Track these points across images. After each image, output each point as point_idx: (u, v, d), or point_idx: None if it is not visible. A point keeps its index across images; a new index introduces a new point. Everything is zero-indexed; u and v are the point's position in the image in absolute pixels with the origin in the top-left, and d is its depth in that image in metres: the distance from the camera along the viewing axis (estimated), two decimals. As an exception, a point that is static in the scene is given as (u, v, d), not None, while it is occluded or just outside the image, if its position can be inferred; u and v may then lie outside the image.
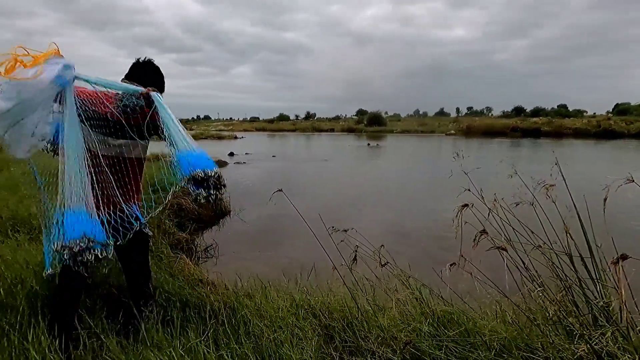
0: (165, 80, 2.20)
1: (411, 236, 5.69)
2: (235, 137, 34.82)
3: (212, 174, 1.72)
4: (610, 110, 56.14)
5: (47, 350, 1.75)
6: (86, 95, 1.79)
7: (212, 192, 1.74)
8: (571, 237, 1.81)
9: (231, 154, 18.15)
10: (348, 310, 2.21)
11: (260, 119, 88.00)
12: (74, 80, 1.68)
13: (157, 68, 2.11)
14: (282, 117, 79.60)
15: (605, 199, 1.55)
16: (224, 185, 1.78)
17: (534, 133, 34.20)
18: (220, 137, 33.90)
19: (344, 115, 80.00)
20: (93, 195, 1.73)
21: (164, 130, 1.76)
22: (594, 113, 57.39)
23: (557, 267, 1.76)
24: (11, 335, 1.85)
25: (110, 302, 2.45)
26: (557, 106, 63.21)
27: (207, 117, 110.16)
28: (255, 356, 1.79)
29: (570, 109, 61.87)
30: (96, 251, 1.58)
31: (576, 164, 13.50)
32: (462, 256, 1.87)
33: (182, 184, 1.76)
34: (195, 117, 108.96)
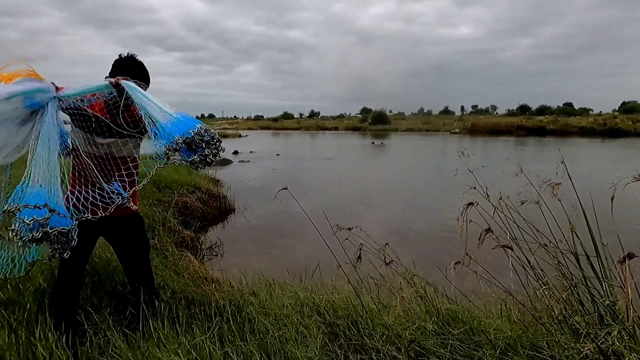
0: (170, 79, 2.17)
1: (416, 234, 5.68)
2: (240, 136, 34.92)
3: (197, 132, 1.59)
4: (617, 109, 55.71)
5: (54, 347, 1.77)
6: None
7: (205, 152, 1.62)
8: (577, 236, 1.81)
9: (235, 153, 18.20)
10: (352, 308, 2.21)
11: (265, 117, 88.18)
12: (54, 98, 1.65)
13: (140, 63, 2.04)
14: (286, 116, 79.70)
15: (612, 198, 1.54)
16: (219, 140, 1.65)
17: (540, 131, 34.03)
18: (224, 136, 33.94)
19: (348, 114, 79.99)
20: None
21: (142, 115, 1.64)
22: (600, 111, 56.97)
23: (562, 265, 1.75)
24: (19, 331, 1.87)
25: (116, 298, 2.47)
26: (563, 104, 62.90)
27: (211, 116, 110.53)
28: (260, 353, 1.80)
29: (576, 107, 61.54)
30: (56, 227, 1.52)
31: (582, 162, 13.43)
32: (467, 254, 1.87)
33: (165, 161, 1.66)
34: (199, 116, 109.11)
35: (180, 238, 4.58)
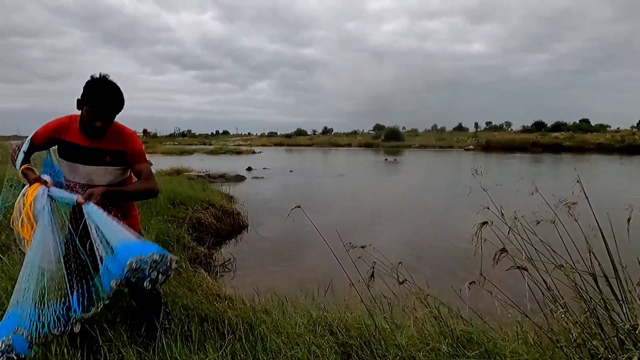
0: (187, 96, 2.20)
1: (429, 254, 5.62)
2: (253, 152, 35.23)
3: (151, 259, 1.52)
4: (635, 125, 54.76)
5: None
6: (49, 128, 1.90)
7: (158, 277, 1.55)
8: (595, 257, 1.77)
9: (249, 169, 18.36)
10: (365, 327, 2.19)
11: (278, 133, 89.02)
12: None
13: (114, 84, 1.87)
14: (300, 132, 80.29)
15: (629, 219, 1.52)
16: (171, 271, 1.59)
17: (555, 148, 33.59)
18: (238, 152, 34.34)
19: (361, 130, 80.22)
20: None
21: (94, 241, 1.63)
22: (618, 128, 56.09)
23: (580, 287, 1.72)
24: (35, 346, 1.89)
25: (131, 314, 2.49)
26: (579, 121, 62.06)
27: (225, 132, 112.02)
28: (272, 373, 1.79)
29: (593, 123, 60.66)
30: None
31: (600, 180, 13.17)
32: (481, 275, 1.84)
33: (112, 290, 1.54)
34: (214, 132, 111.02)
35: (194, 254, 4.61)
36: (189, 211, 5.83)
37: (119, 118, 1.95)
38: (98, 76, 1.83)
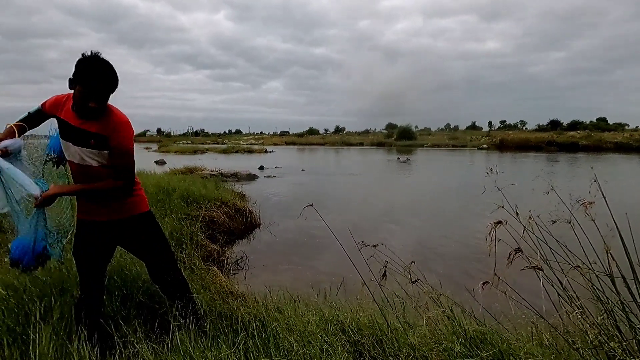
0: (200, 95, 2.22)
1: (442, 253, 5.58)
2: (266, 151, 35.37)
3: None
4: (655, 124, 53.51)
5: (88, 358, 1.83)
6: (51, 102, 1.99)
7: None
8: (612, 257, 1.74)
9: (261, 168, 18.44)
10: (377, 327, 2.18)
11: (290, 132, 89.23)
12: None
13: (108, 62, 1.81)
14: (312, 131, 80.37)
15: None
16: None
17: (572, 147, 33.04)
18: (250, 151, 34.52)
19: (374, 129, 79.92)
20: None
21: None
22: (637, 126, 54.86)
23: (597, 288, 1.69)
24: (54, 340, 1.94)
25: (145, 310, 2.52)
26: (596, 119, 60.90)
27: (238, 131, 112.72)
28: (284, 370, 1.80)
29: (610, 122, 59.46)
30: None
31: (618, 180, 12.91)
32: (495, 275, 1.82)
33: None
34: (227, 132, 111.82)
35: (207, 252, 4.65)
36: (202, 209, 5.89)
37: (130, 110, 1.99)
38: (90, 54, 1.76)
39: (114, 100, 1.88)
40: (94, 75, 1.75)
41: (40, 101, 2.06)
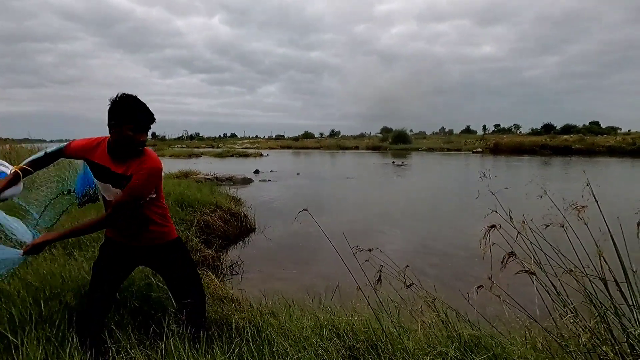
0: (196, 99, 2.27)
1: (437, 257, 5.59)
2: (261, 155, 35.31)
3: None
4: (647, 127, 54.01)
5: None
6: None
7: None
8: (605, 261, 1.76)
9: (256, 172, 18.41)
10: (372, 331, 2.18)
11: (286, 136, 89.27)
12: None
13: (143, 104, 1.92)
14: (307, 135, 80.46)
15: (638, 224, 1.50)
16: None
17: (565, 151, 33.28)
18: (246, 155, 34.45)
19: (369, 133, 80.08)
20: None
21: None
22: (629, 130, 55.35)
23: (589, 292, 1.70)
24: (47, 348, 1.92)
25: (139, 316, 2.51)
26: (589, 123, 61.33)
27: (233, 135, 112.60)
28: (279, 376, 1.79)
29: (603, 126, 59.97)
30: None
31: (610, 184, 13.02)
32: (489, 279, 1.83)
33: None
34: (222, 135, 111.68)
35: (201, 257, 4.63)
36: (196, 214, 5.87)
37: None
38: (121, 95, 1.84)
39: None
40: (140, 110, 1.85)
41: (36, 105, 2.08)
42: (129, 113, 1.83)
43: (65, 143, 2.05)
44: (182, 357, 1.90)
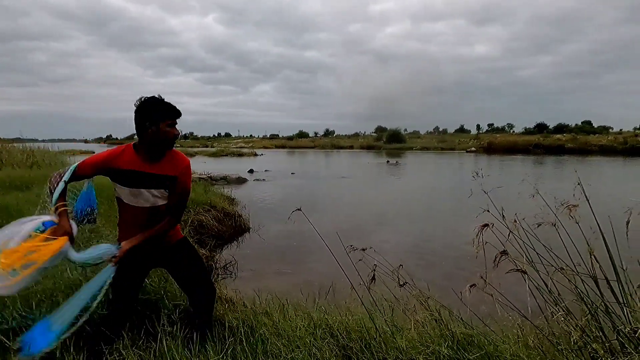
0: (190, 98, 2.28)
1: (430, 256, 5.61)
2: (255, 155, 35.26)
3: None
4: (638, 127, 54.55)
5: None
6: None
7: None
8: (596, 260, 1.77)
9: (251, 171, 18.38)
10: (366, 330, 2.19)
11: (280, 136, 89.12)
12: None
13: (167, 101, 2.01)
14: (302, 135, 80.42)
15: (627, 222, 1.52)
16: None
17: (558, 150, 33.57)
18: (240, 155, 34.39)
19: (363, 132, 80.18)
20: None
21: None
22: (620, 129, 55.84)
23: (580, 290, 1.71)
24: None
25: (133, 316, 2.49)
26: (582, 122, 61.78)
27: (227, 135, 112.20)
28: (272, 376, 1.79)
29: (595, 125, 60.43)
30: None
31: (602, 182, 13.14)
32: (482, 277, 1.84)
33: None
34: (216, 135, 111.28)
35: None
36: (190, 213, 5.85)
37: (121, 114, 1.97)
38: (148, 98, 1.92)
39: (104, 104, 1.88)
40: (169, 107, 1.93)
41: (29, 104, 2.02)
42: (163, 110, 1.91)
43: (74, 166, 1.95)
44: (175, 358, 1.89)
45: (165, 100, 1.96)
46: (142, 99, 1.91)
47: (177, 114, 1.97)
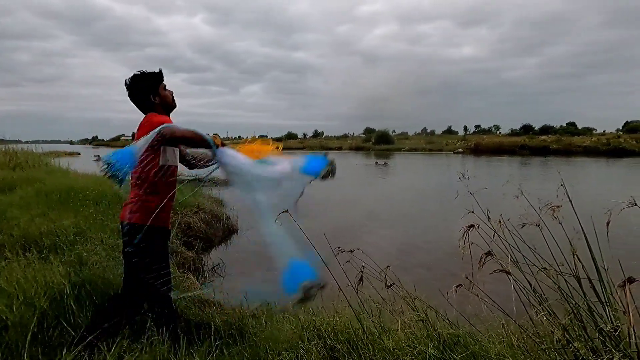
0: (177, 99, 2.26)
1: (418, 257, 5.65)
2: (244, 156, 35.02)
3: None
4: (620, 128, 55.68)
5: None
6: None
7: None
8: (579, 259, 1.80)
9: (239, 173, 18.26)
10: (353, 332, 2.19)
11: (269, 137, 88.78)
12: None
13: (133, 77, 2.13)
14: (290, 136, 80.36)
15: (608, 223, 1.55)
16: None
17: (543, 151, 34.08)
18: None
19: (352, 134, 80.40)
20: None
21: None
22: (604, 131, 56.94)
23: (563, 290, 1.74)
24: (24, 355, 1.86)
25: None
26: (566, 124, 62.82)
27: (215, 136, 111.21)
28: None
29: (579, 126, 61.49)
30: None
31: (586, 183, 13.37)
32: (467, 278, 1.86)
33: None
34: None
35: (182, 259, 4.58)
36: (177, 216, 5.79)
37: (108, 115, 1.97)
38: (133, 75, 2.09)
39: (90, 104, 1.86)
40: (153, 75, 2.10)
41: (12, 104, 1.99)
42: (152, 79, 2.08)
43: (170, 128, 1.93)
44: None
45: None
46: (130, 78, 2.07)
47: (161, 74, 2.11)
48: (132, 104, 2.14)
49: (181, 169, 2.31)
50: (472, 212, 2.01)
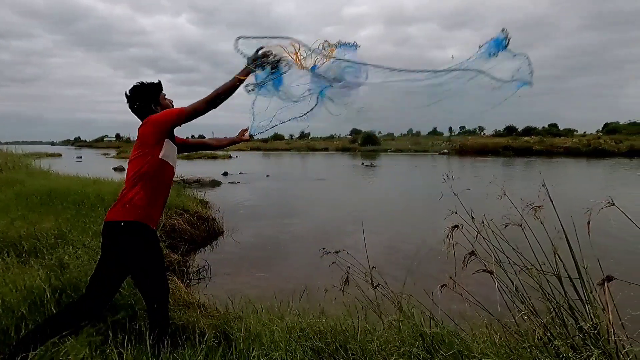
0: None
1: (403, 257, 5.68)
2: (230, 157, 34.82)
3: None
4: (600, 129, 56.96)
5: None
6: None
7: None
8: (560, 258, 1.83)
9: (225, 174, 18.15)
10: (340, 332, 2.19)
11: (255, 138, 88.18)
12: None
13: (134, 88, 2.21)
14: (277, 137, 80.00)
15: (588, 223, 1.58)
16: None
17: (526, 152, 34.67)
18: (214, 157, 33.87)
19: (339, 135, 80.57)
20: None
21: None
22: (584, 132, 58.16)
23: (544, 289, 1.77)
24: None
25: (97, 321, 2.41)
26: (548, 125, 63.95)
27: (201, 136, 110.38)
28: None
29: (561, 128, 62.67)
30: None
31: (567, 183, 13.64)
32: (451, 278, 1.88)
33: None
34: (189, 136, 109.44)
35: (167, 262, 4.52)
36: (162, 217, 5.72)
37: (93, 115, 1.97)
38: (133, 86, 2.18)
39: (72, 104, 1.84)
40: (152, 86, 2.20)
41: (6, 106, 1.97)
42: (152, 90, 2.18)
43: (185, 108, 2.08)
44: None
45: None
46: (130, 90, 2.16)
47: (160, 84, 2.22)
48: (117, 105, 2.14)
49: (181, 170, 2.30)
50: (456, 212, 2.03)
